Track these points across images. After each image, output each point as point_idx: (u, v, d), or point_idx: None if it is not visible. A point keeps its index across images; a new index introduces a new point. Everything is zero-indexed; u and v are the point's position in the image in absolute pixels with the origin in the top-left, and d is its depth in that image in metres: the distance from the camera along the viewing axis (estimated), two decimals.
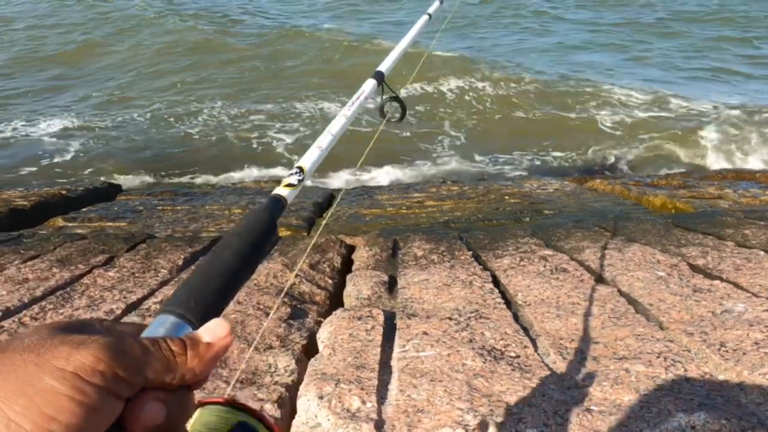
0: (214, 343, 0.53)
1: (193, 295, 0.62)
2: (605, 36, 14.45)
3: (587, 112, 9.58)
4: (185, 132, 9.10)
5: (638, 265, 2.71)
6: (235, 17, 15.56)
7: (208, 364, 0.52)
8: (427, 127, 8.98)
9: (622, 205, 4.68)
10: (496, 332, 2.08)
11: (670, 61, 12.25)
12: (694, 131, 8.59)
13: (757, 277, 2.50)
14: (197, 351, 0.51)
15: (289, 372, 2.11)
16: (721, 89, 10.37)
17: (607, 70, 11.60)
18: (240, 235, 0.75)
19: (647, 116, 9.42)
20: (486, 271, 2.85)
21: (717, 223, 3.48)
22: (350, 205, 5.21)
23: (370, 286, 2.82)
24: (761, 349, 1.83)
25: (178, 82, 10.89)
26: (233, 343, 0.80)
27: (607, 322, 2.12)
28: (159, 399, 0.48)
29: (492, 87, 10.47)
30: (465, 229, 4.01)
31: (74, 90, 10.62)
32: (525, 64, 11.52)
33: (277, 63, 12.09)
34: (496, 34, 14.87)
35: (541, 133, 8.62)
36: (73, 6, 16.89)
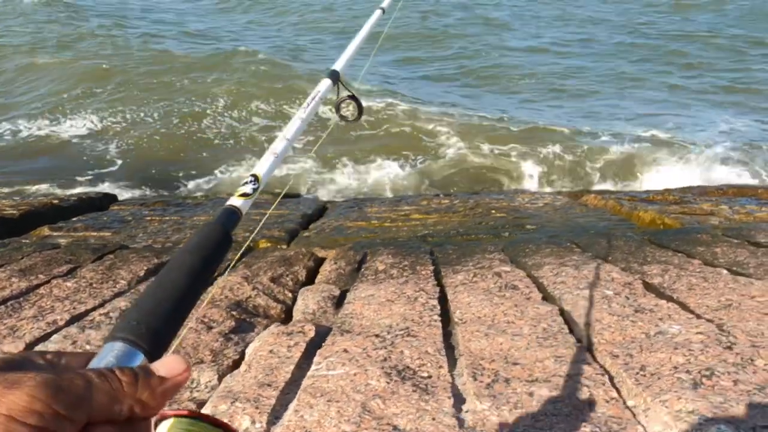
0: (168, 378, 0.51)
1: (144, 319, 0.60)
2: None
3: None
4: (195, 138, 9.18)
5: (590, 283, 2.64)
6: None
7: (159, 397, 0.50)
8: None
9: (608, 220, 4.58)
10: (417, 351, 2.04)
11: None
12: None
13: (707, 297, 2.41)
14: (149, 383, 0.49)
15: (209, 388, 2.09)
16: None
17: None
18: (191, 252, 0.72)
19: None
20: (437, 287, 2.80)
21: (691, 241, 3.38)
22: (337, 217, 5.20)
23: (317, 301, 2.79)
24: (677, 374, 1.75)
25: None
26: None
27: (533, 343, 2.06)
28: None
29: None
30: (440, 244, 3.97)
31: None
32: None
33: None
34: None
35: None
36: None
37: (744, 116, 9.82)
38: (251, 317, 2.83)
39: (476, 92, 11.10)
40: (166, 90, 10.79)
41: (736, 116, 9.69)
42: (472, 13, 17.71)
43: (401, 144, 8.65)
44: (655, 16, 18.21)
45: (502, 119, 9.18)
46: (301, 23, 17.28)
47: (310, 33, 15.76)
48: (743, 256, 2.98)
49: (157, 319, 0.60)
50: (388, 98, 9.97)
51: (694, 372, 1.75)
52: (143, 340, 0.57)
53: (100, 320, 2.63)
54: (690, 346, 1.93)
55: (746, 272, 2.75)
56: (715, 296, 2.41)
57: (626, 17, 18.15)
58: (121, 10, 17.84)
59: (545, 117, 9.53)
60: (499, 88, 11.35)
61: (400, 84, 11.27)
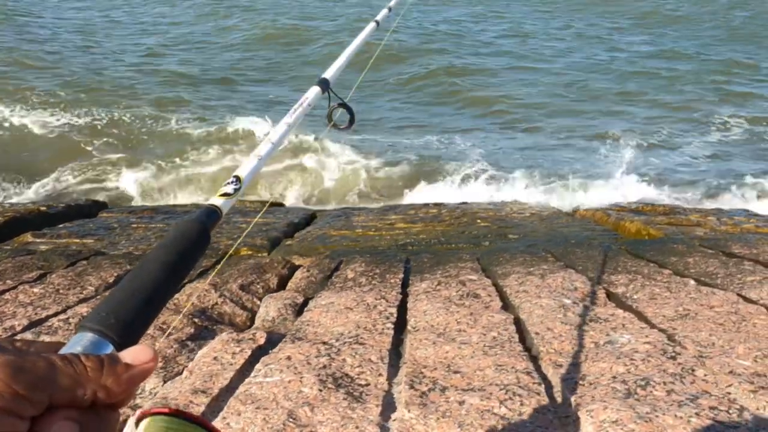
0: (133, 366, 0.51)
1: (114, 310, 0.60)
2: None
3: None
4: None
5: (551, 292, 2.60)
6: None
7: (124, 384, 0.49)
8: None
9: (593, 230, 4.53)
10: (360, 359, 2.01)
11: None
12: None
13: (666, 307, 2.37)
14: (114, 369, 0.49)
15: (152, 395, 2.07)
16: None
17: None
18: (166, 246, 0.72)
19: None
20: (400, 295, 2.77)
21: (665, 251, 3.33)
22: (323, 226, 5.19)
23: (277, 308, 2.78)
24: (613, 384, 1.71)
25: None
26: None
27: (479, 352, 2.03)
28: (70, 418, 0.45)
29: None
30: (417, 252, 3.94)
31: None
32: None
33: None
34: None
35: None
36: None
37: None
38: (214, 325, 2.82)
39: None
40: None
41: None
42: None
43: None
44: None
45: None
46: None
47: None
48: (714, 267, 2.94)
49: (127, 311, 0.60)
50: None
51: (630, 382, 1.71)
52: (112, 331, 0.56)
53: (58, 326, 2.62)
54: (633, 355, 1.89)
55: (713, 282, 2.71)
56: (673, 306, 2.37)
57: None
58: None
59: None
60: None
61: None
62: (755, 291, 2.54)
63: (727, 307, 2.34)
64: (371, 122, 9.33)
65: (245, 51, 13.63)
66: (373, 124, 9.39)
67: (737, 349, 1.97)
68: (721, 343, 2.02)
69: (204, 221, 0.80)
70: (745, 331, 2.12)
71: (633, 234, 4.55)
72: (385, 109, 10.49)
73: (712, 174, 7.21)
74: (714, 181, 6.89)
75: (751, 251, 3.23)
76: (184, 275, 0.72)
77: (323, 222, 5.39)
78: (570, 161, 7.83)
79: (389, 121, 9.87)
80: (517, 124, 9.63)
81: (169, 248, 0.71)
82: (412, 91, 11.50)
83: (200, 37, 14.93)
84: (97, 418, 0.47)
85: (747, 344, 2.00)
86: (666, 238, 3.75)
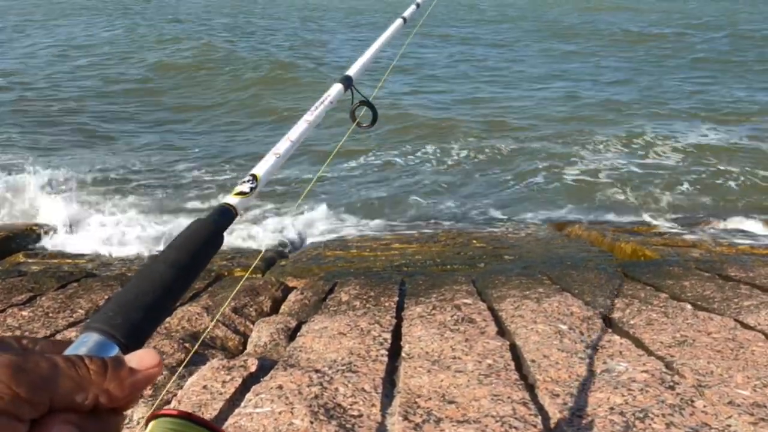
0: (138, 371, 0.49)
1: (121, 311, 0.58)
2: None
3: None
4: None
5: (547, 317, 2.57)
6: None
7: (128, 389, 0.47)
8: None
9: (588, 251, 4.51)
10: (353, 388, 1.97)
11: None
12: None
13: (663, 333, 2.34)
14: (118, 374, 0.47)
15: (141, 425, 2.03)
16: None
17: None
18: (178, 247, 0.69)
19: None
20: (394, 320, 2.74)
21: (662, 273, 3.31)
22: (318, 246, 5.16)
23: (270, 333, 2.74)
24: (610, 416, 1.68)
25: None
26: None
27: (474, 380, 1.99)
28: (70, 422, 0.44)
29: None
30: (412, 274, 3.91)
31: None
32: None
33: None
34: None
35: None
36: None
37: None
38: (206, 349, 2.77)
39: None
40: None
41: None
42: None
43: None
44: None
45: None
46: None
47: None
48: (710, 290, 2.91)
49: (135, 311, 0.58)
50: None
51: (629, 414, 1.68)
52: (119, 332, 0.55)
53: None
54: (631, 385, 1.86)
55: (710, 307, 2.68)
56: (671, 332, 2.34)
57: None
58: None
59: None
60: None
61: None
62: (752, 316, 2.51)
63: (725, 333, 2.32)
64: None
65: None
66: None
67: (736, 378, 1.94)
68: (720, 372, 1.99)
69: (217, 221, 0.77)
70: (744, 359, 2.09)
71: (629, 255, 4.53)
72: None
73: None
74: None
75: (747, 274, 3.21)
76: (194, 277, 0.69)
77: (318, 241, 5.37)
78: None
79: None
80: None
81: (179, 249, 0.69)
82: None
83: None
84: (97, 422, 0.45)
85: (746, 372, 1.98)
86: (662, 260, 3.73)
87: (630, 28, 20.75)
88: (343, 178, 8.00)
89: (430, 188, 7.75)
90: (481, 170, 8.55)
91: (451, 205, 6.98)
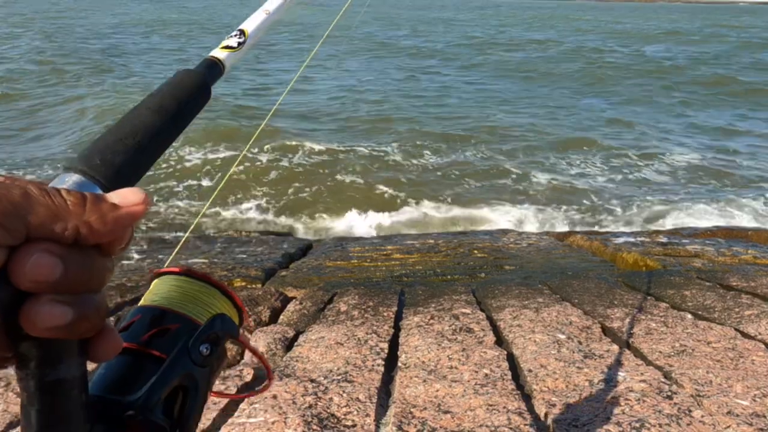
0: (121, 206, 0.45)
1: (101, 153, 0.55)
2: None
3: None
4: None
5: (546, 326, 2.55)
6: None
7: (110, 224, 0.44)
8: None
9: (590, 261, 4.49)
10: (348, 398, 1.96)
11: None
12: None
13: (662, 343, 2.32)
14: (98, 207, 0.44)
15: None
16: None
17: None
18: (161, 93, 0.67)
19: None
20: (392, 330, 2.72)
21: (663, 283, 3.29)
22: (318, 256, 5.14)
23: (267, 343, 2.72)
24: (607, 426, 1.66)
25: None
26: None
27: (470, 390, 1.97)
28: (50, 251, 0.41)
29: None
30: (412, 284, 3.89)
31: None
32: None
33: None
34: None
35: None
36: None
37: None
38: None
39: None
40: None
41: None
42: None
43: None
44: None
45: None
46: None
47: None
48: (711, 300, 2.89)
49: (116, 154, 0.56)
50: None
51: (625, 424, 1.66)
52: (99, 174, 0.52)
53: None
54: (628, 395, 1.84)
55: (711, 317, 2.66)
56: (670, 342, 2.32)
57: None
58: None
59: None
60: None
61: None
62: (753, 326, 2.49)
63: (725, 342, 2.29)
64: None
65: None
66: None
67: (735, 388, 1.91)
68: (719, 381, 1.96)
69: (204, 73, 0.73)
70: (743, 368, 2.07)
71: (630, 265, 4.51)
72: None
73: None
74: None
75: (749, 284, 3.18)
76: (179, 126, 0.66)
77: (319, 252, 5.35)
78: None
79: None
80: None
81: (164, 95, 0.66)
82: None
83: None
84: (81, 256, 0.43)
85: (745, 382, 1.95)
86: (663, 270, 3.71)
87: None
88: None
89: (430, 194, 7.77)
90: (485, 178, 8.58)
91: (455, 213, 6.99)
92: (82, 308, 0.42)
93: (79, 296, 0.42)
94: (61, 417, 0.45)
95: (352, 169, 8.99)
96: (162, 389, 0.53)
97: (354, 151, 9.88)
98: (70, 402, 0.45)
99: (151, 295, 0.60)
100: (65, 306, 0.41)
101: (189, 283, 0.59)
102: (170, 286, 0.59)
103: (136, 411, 0.51)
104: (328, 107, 12.89)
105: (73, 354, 0.44)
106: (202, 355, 0.56)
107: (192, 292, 0.59)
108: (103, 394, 0.51)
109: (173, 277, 0.60)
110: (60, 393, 0.44)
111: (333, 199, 8.16)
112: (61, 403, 0.45)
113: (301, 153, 9.73)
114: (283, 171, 9.04)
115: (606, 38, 29.28)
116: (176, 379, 0.54)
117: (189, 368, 0.55)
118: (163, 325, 0.56)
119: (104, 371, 0.53)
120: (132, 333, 0.55)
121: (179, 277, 0.60)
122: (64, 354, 0.44)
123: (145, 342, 0.55)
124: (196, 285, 0.59)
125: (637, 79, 17.31)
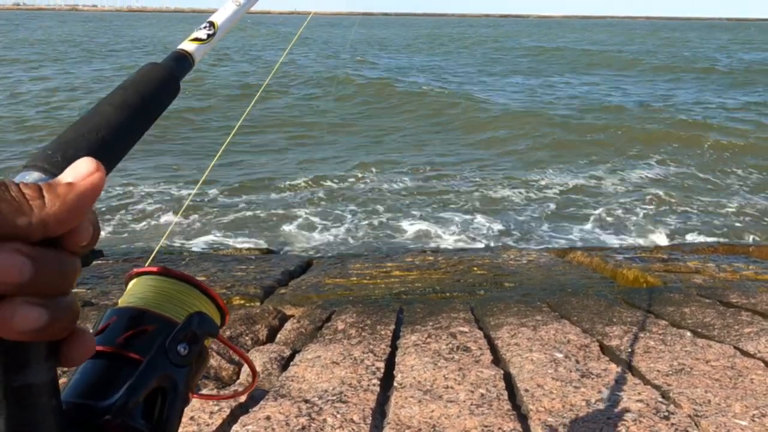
0: (76, 183, 0.43)
1: (62, 149, 0.54)
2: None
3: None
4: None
5: (543, 345, 2.53)
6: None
7: (72, 206, 0.42)
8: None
9: (590, 278, 4.47)
10: (342, 419, 1.94)
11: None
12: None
13: (660, 361, 2.30)
14: (55, 192, 0.42)
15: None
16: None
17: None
18: (126, 88, 0.65)
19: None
20: (389, 348, 2.70)
21: (662, 300, 3.27)
22: (318, 274, 5.13)
23: (263, 363, 2.70)
24: None
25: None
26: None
27: (465, 411, 1.95)
28: (19, 251, 0.39)
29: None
30: (410, 302, 3.88)
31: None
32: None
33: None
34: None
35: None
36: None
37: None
38: (200, 379, 2.74)
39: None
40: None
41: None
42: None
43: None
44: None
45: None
46: None
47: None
48: (711, 317, 2.87)
49: (78, 150, 0.55)
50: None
51: None
52: (61, 170, 0.50)
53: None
54: (625, 416, 1.82)
55: (710, 334, 2.64)
56: (668, 360, 2.30)
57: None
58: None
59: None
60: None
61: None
62: (752, 343, 2.47)
63: (724, 361, 2.27)
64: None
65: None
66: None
67: (734, 407, 1.89)
68: (717, 401, 1.94)
69: (172, 67, 0.72)
70: (742, 388, 2.05)
71: (631, 282, 4.48)
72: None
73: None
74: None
75: (749, 300, 3.16)
76: (146, 122, 0.64)
77: (319, 270, 5.34)
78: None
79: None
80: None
81: (127, 90, 0.64)
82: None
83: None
84: (52, 254, 0.41)
85: (744, 402, 1.93)
86: (663, 287, 3.69)
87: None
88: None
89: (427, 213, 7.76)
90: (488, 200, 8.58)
91: (454, 230, 6.98)
92: (56, 310, 0.40)
93: (53, 298, 0.41)
94: (30, 424, 0.43)
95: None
96: (140, 392, 0.52)
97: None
98: (39, 408, 0.43)
99: (127, 296, 0.59)
100: (40, 308, 0.40)
101: (167, 282, 0.58)
102: (147, 286, 0.58)
103: (113, 415, 0.50)
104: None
105: (42, 358, 0.43)
106: (180, 355, 0.55)
107: (170, 292, 0.58)
108: (78, 399, 0.50)
109: (150, 276, 0.59)
110: (28, 399, 0.43)
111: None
112: (30, 409, 0.43)
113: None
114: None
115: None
116: (154, 381, 0.53)
117: (167, 369, 0.54)
118: (139, 326, 0.55)
119: (79, 376, 0.52)
120: (107, 336, 0.54)
121: (156, 277, 0.59)
122: (31, 358, 0.42)
123: (121, 344, 0.54)
124: (174, 284, 0.58)
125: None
